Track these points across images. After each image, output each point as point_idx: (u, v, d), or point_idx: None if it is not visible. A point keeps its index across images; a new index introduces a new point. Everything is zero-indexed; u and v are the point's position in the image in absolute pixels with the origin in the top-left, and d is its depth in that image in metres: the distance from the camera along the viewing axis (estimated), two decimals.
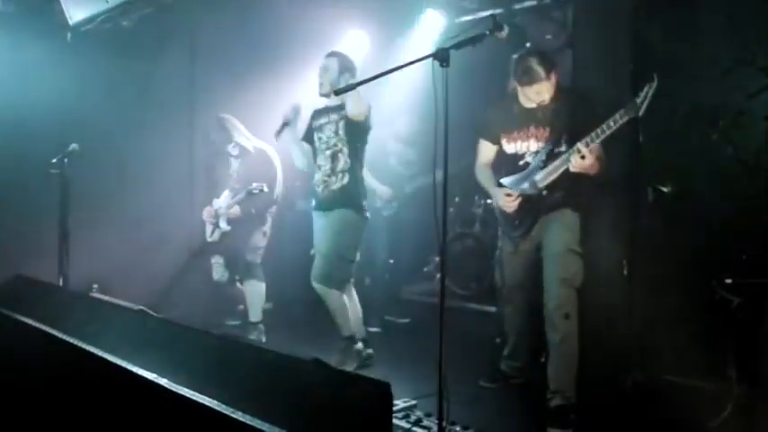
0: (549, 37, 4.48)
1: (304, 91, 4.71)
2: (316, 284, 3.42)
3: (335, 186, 3.46)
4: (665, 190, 3.16)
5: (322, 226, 3.54)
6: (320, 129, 3.56)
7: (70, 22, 3.88)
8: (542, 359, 3.16)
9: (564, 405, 2.82)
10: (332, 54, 3.53)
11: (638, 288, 3.24)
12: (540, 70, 2.83)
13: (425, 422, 2.77)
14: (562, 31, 4.50)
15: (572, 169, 2.75)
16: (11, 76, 4.20)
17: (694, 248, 3.07)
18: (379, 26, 4.89)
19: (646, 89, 2.60)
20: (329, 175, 3.48)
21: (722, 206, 3.03)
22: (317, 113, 3.63)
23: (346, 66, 3.49)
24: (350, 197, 3.45)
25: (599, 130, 2.66)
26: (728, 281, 2.74)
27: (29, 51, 4.16)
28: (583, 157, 2.69)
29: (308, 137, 3.66)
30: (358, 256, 3.58)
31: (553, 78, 2.86)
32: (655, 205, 3.20)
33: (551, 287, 2.89)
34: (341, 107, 3.45)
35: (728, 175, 3.02)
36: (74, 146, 3.87)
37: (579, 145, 2.70)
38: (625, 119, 2.62)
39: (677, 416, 2.72)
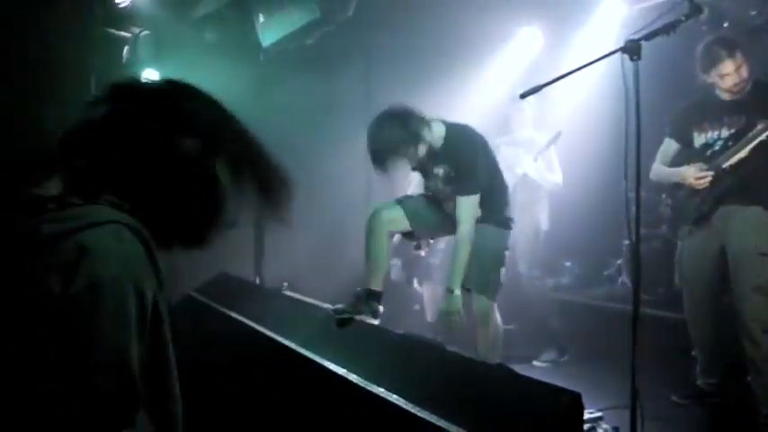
0: (753, 13, 3.99)
1: (478, 92, 4.71)
2: None
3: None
4: None
5: None
6: (428, 176, 3.06)
7: (263, 45, 4.26)
8: (748, 377, 2.84)
9: None
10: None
11: None
12: (720, 50, 2.69)
13: None
14: None
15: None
16: (215, 95, 4.71)
17: None
18: (553, 20, 4.73)
19: None
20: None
21: None
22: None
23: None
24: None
25: None
26: None
27: (229, 72, 4.65)
28: None
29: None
30: None
31: (739, 58, 2.66)
32: None
33: (744, 296, 2.61)
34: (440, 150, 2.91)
35: None
36: None
37: None
38: None
39: None
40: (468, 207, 2.86)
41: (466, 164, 2.88)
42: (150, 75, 3.97)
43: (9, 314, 0.91)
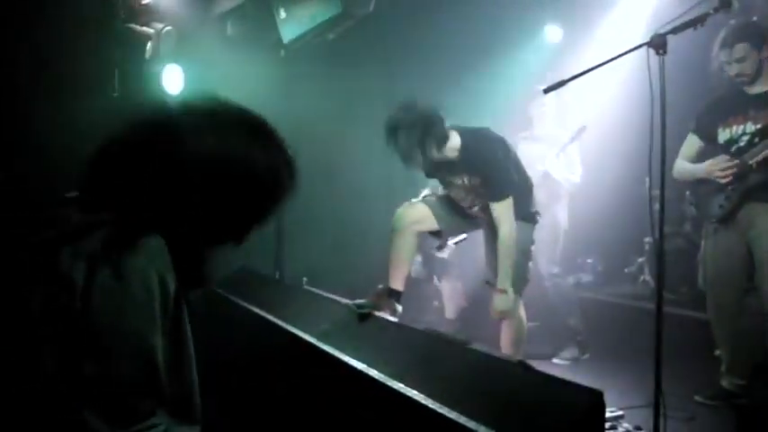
0: None
1: (501, 89, 4.68)
2: None
3: None
4: None
5: None
6: (447, 185, 3.09)
7: (284, 41, 4.27)
8: None
9: None
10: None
11: None
12: (730, 34, 2.69)
13: None
14: None
15: None
16: (236, 90, 4.74)
17: None
18: (576, 14, 4.69)
19: None
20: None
21: None
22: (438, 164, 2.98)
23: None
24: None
25: None
26: None
27: (250, 68, 4.68)
28: None
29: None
30: None
31: (747, 47, 2.66)
32: None
33: None
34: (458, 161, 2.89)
35: None
36: None
37: None
38: None
39: None
40: (505, 210, 2.86)
41: (492, 169, 2.85)
42: (172, 70, 4.01)
43: (34, 308, 0.93)
